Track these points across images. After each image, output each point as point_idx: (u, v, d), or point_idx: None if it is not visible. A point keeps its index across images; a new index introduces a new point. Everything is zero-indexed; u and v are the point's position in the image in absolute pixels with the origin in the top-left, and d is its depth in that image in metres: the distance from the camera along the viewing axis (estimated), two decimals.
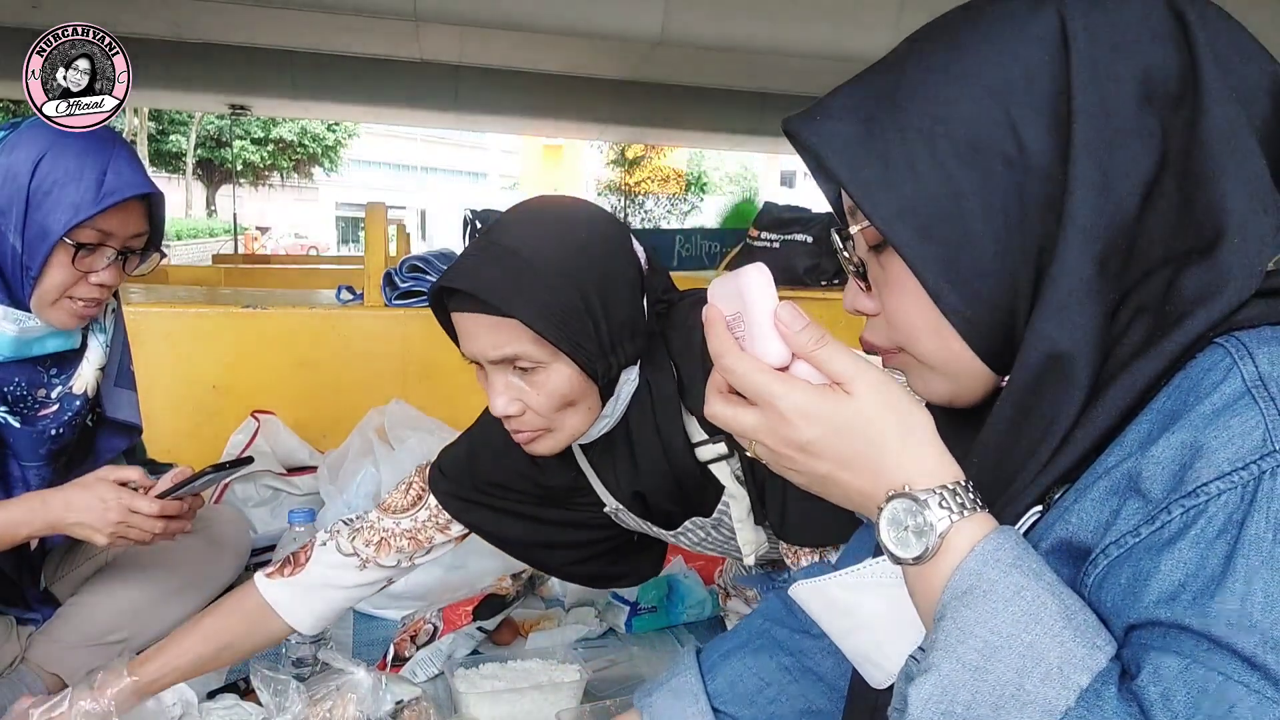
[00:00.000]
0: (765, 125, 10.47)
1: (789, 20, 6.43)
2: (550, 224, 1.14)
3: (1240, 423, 0.51)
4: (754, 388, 0.60)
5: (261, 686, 1.29)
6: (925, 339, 0.64)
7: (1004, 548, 0.55)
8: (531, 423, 1.17)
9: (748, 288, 0.62)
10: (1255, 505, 0.49)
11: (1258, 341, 0.53)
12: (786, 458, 0.61)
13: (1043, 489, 0.60)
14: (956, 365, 0.64)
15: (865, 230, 0.65)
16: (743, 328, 0.62)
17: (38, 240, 1.35)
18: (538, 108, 10.38)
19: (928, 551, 0.56)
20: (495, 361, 1.13)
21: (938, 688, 0.53)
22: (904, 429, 0.58)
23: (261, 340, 2.47)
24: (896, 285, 0.64)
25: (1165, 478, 0.52)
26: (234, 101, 11.19)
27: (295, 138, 27.67)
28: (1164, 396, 0.55)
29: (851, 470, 0.59)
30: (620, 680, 1.64)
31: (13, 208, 1.34)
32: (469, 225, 2.75)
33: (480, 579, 1.85)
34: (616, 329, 1.12)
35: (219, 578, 1.77)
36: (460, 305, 1.12)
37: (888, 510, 0.57)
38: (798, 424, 0.59)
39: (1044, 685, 0.50)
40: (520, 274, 1.08)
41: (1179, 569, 0.50)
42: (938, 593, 0.56)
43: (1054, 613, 0.52)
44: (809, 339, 0.60)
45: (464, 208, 2.84)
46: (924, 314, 0.63)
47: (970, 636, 0.53)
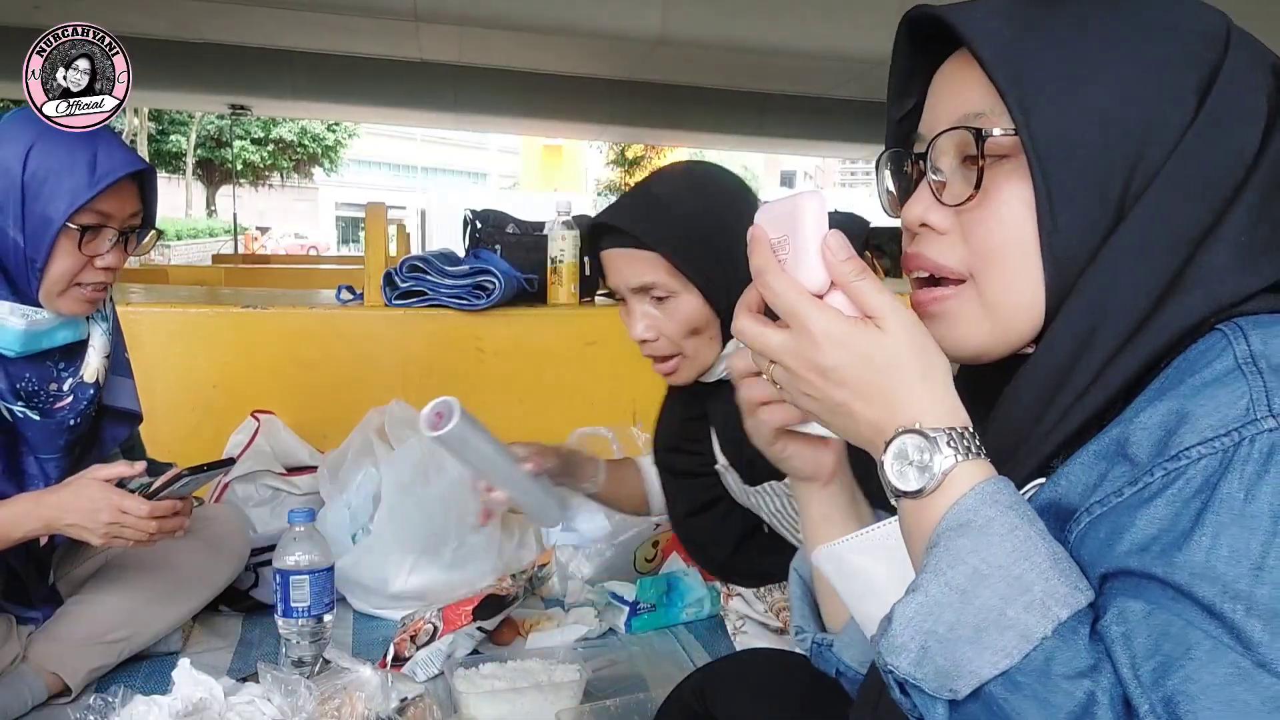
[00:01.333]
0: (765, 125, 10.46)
1: (789, 20, 6.43)
2: (688, 178, 1.41)
3: (1227, 393, 0.53)
4: (790, 306, 0.62)
5: (272, 686, 1.29)
6: (1005, 267, 0.64)
7: (1003, 491, 0.57)
8: (664, 348, 1.40)
9: (803, 210, 0.63)
10: (1231, 467, 0.51)
11: (1254, 324, 0.56)
12: (805, 381, 0.62)
13: (1042, 458, 0.62)
14: (1016, 305, 0.64)
15: (999, 133, 0.62)
16: (787, 250, 0.63)
17: (40, 230, 1.36)
18: (538, 108, 10.37)
19: (928, 487, 0.57)
20: (635, 290, 1.38)
21: (923, 608, 0.54)
22: (925, 370, 0.60)
23: (261, 340, 2.47)
24: (997, 203, 0.63)
25: (1151, 443, 0.54)
26: (234, 101, 11.18)
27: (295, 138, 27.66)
28: (1162, 378, 0.57)
29: (867, 401, 0.60)
30: (620, 680, 1.64)
31: (9, 201, 1.35)
32: (469, 225, 2.75)
33: (480, 579, 1.85)
34: (736, 268, 1.26)
35: (218, 577, 1.78)
36: (608, 242, 1.40)
37: (896, 444, 0.59)
38: (826, 348, 0.60)
39: (1025, 613, 0.52)
40: (659, 215, 1.33)
41: (1153, 524, 0.52)
42: (932, 525, 0.57)
43: (1043, 553, 0.54)
44: (851, 270, 0.61)
45: (464, 208, 2.83)
46: (1018, 240, 0.63)
47: (960, 563, 0.54)
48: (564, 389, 2.53)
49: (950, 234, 0.66)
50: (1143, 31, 0.62)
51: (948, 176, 0.67)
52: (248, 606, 1.91)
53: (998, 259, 0.64)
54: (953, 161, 0.67)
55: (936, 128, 0.67)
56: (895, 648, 0.55)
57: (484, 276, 2.40)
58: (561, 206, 2.61)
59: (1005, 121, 0.62)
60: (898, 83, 0.73)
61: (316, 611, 1.60)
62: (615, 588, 1.92)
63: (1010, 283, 0.64)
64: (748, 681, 1.09)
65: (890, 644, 0.55)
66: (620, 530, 2.02)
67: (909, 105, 0.73)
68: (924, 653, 0.54)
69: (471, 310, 2.41)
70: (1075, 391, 0.61)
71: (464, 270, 2.43)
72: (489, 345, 2.48)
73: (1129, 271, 0.60)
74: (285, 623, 1.60)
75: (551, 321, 2.55)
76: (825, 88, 8.46)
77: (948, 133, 0.65)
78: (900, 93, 0.73)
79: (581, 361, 2.55)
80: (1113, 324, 0.60)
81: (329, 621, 1.62)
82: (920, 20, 0.69)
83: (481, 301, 2.39)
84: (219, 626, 1.85)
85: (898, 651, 0.55)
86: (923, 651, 0.54)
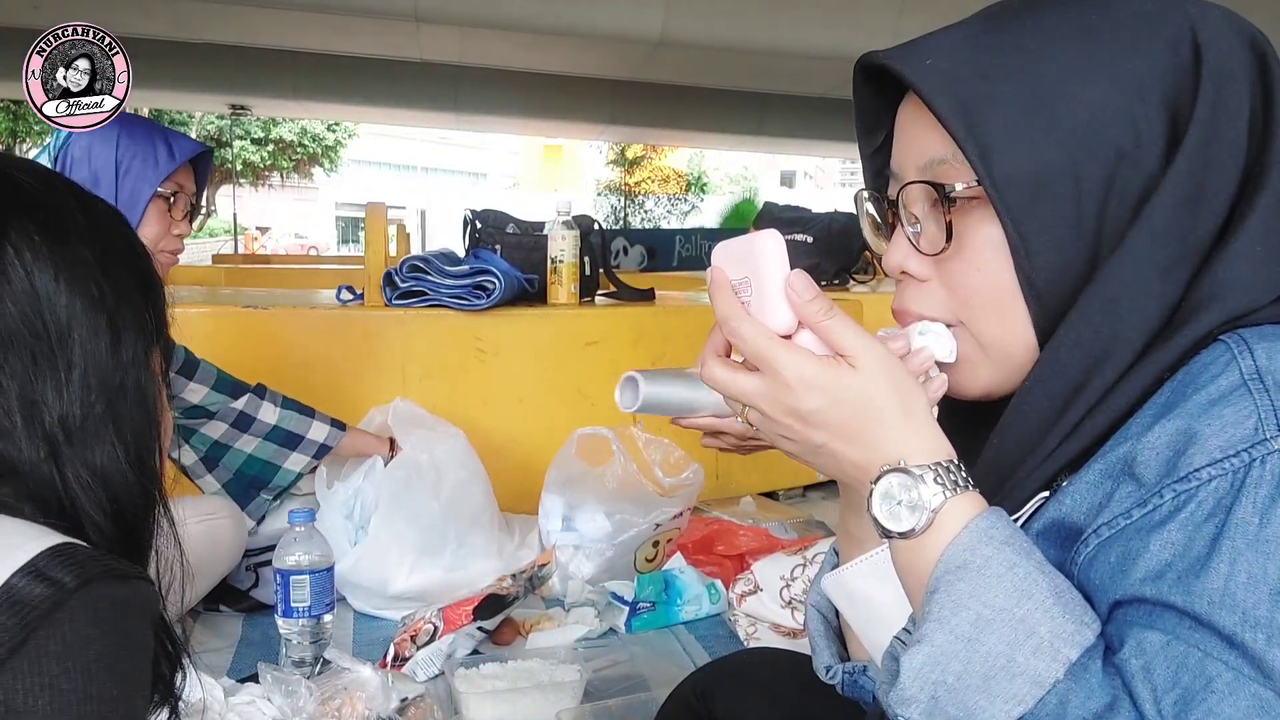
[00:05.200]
0: (765, 125, 10.47)
1: (789, 21, 6.43)
2: None
3: (1234, 412, 0.52)
4: (760, 353, 0.60)
5: (272, 686, 1.30)
6: (991, 311, 0.64)
7: (996, 526, 0.56)
8: None
9: (763, 252, 0.61)
10: (1244, 490, 0.50)
11: (1258, 337, 0.55)
12: (783, 425, 0.61)
13: (1048, 475, 0.61)
14: (1010, 342, 0.64)
15: (962, 188, 0.62)
16: (749, 292, 0.62)
17: (134, 199, 1.62)
18: (538, 108, 10.38)
19: (919, 526, 0.56)
20: None
21: (930, 658, 0.53)
22: (904, 406, 0.59)
23: (261, 340, 2.46)
24: (972, 250, 0.63)
25: (1159, 463, 0.53)
26: (234, 101, 11.19)
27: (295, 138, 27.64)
28: (1166, 390, 0.57)
29: (848, 442, 0.59)
30: (620, 680, 1.64)
31: (104, 178, 1.61)
32: (469, 225, 2.75)
33: (480, 579, 1.85)
34: None
35: (214, 572, 1.78)
36: None
37: (881, 484, 0.58)
38: (801, 392, 0.59)
39: (1034, 658, 0.51)
40: None
41: (1167, 549, 0.51)
42: (927, 567, 0.56)
43: (1045, 590, 0.53)
44: (818, 309, 0.59)
45: (464, 208, 2.83)
46: (997, 283, 0.63)
47: (963, 609, 0.53)
48: (564, 389, 2.53)
49: (931, 281, 0.66)
50: (1103, 53, 0.60)
51: (922, 222, 0.66)
52: (248, 606, 1.91)
53: (981, 303, 0.64)
54: (924, 207, 0.66)
55: (903, 170, 0.66)
56: (905, 699, 0.54)
57: (484, 276, 2.40)
58: (561, 206, 2.61)
59: (967, 170, 0.61)
60: (863, 121, 0.73)
61: (317, 612, 1.60)
62: (615, 587, 1.92)
63: (999, 324, 0.64)
64: (749, 681, 1.09)
65: (900, 696, 0.54)
66: (620, 530, 2.01)
67: (879, 140, 0.72)
68: (934, 703, 0.53)
69: (471, 310, 2.41)
70: (1084, 409, 0.60)
71: (464, 270, 2.43)
72: (489, 345, 2.48)
73: (1137, 291, 0.59)
74: (285, 623, 1.60)
75: (551, 321, 2.55)
76: (825, 88, 8.46)
77: (913, 184, 0.65)
78: (868, 129, 0.73)
79: (581, 361, 2.54)
80: (1124, 342, 0.59)
81: (329, 622, 1.62)
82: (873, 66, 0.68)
83: (481, 301, 2.39)
84: (219, 626, 1.85)
85: (908, 703, 0.54)
86: (933, 702, 0.53)
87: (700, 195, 27.52)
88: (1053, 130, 0.60)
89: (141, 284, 0.71)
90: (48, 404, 0.63)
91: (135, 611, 0.59)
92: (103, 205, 0.72)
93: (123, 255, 0.70)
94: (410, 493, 1.92)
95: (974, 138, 0.60)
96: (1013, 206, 0.60)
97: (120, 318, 0.67)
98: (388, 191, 26.87)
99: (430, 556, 1.90)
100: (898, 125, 0.68)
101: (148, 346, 0.70)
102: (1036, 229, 0.60)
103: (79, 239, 0.66)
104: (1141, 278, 0.59)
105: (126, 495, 0.66)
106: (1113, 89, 0.60)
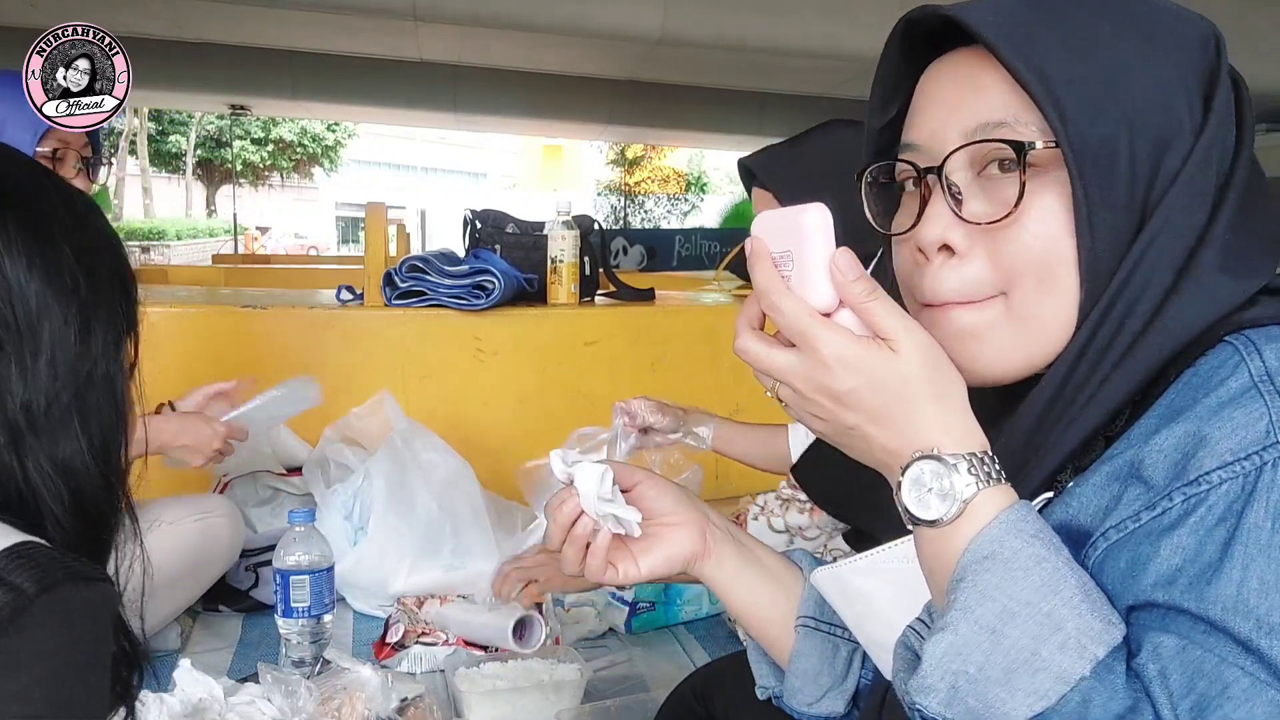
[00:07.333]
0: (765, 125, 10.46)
1: (788, 20, 6.43)
2: None
3: (1244, 415, 0.52)
4: (800, 329, 0.59)
5: (272, 686, 1.30)
6: (1042, 281, 0.60)
7: (1026, 519, 0.55)
8: None
9: (809, 226, 0.59)
10: (1255, 495, 0.50)
11: (1266, 339, 0.54)
12: (815, 404, 0.60)
13: (1049, 471, 0.61)
14: (1050, 322, 0.61)
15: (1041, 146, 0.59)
16: (790, 266, 0.60)
17: None
18: (538, 108, 10.38)
19: (948, 515, 0.56)
20: None
21: (953, 647, 0.53)
22: (941, 393, 0.58)
23: (261, 340, 2.47)
24: (1030, 219, 0.60)
25: (1168, 466, 0.53)
26: (234, 101, 11.19)
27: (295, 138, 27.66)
28: (1173, 392, 0.56)
29: (881, 426, 0.58)
30: (620, 680, 1.64)
31: None
32: (469, 225, 2.75)
33: (480, 578, 1.85)
34: None
35: (212, 569, 1.78)
36: None
37: (913, 470, 0.57)
38: (838, 372, 0.58)
39: (1060, 653, 0.51)
40: None
41: (1178, 554, 0.51)
42: (953, 556, 0.55)
43: (1073, 586, 0.53)
44: (862, 290, 0.58)
45: (464, 208, 2.83)
46: (1055, 255, 0.60)
47: (989, 600, 0.53)
48: (564, 389, 2.53)
49: (968, 256, 0.62)
50: (1158, 38, 0.60)
51: (964, 190, 0.62)
52: (248, 606, 1.91)
53: (1032, 276, 0.60)
54: (968, 175, 0.62)
55: (940, 139, 0.63)
56: (925, 688, 0.54)
57: (484, 276, 2.40)
58: (561, 206, 2.61)
59: (1036, 131, 0.59)
60: (883, 90, 0.70)
61: (316, 612, 1.60)
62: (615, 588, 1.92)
63: (1044, 300, 0.61)
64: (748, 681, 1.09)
65: (920, 684, 0.54)
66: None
67: (893, 112, 0.70)
68: (954, 693, 0.53)
69: (471, 310, 2.41)
70: (1079, 403, 0.59)
71: (464, 270, 2.43)
72: (489, 345, 2.48)
73: (1147, 282, 0.59)
74: (285, 623, 1.60)
75: (551, 321, 2.55)
76: (825, 88, 8.46)
77: (970, 145, 0.61)
78: (886, 100, 0.70)
79: (581, 361, 2.55)
80: (1129, 335, 0.59)
81: (329, 622, 1.62)
82: (917, 22, 0.66)
83: (481, 301, 2.39)
84: (219, 626, 1.85)
85: (927, 691, 0.53)
86: (952, 692, 0.53)
87: (700, 195, 27.53)
88: (1116, 102, 0.58)
89: (115, 275, 0.70)
90: (11, 390, 0.62)
91: (101, 615, 0.58)
92: (80, 195, 0.71)
93: (97, 246, 0.69)
94: (404, 491, 1.92)
95: (1051, 95, 0.58)
96: (1086, 172, 0.58)
97: (92, 309, 0.66)
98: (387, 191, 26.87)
99: (429, 556, 1.89)
100: (928, 92, 0.65)
101: (119, 339, 0.69)
102: (1102, 200, 0.59)
103: (56, 229, 0.65)
104: (1150, 268, 0.59)
105: (89, 489, 0.65)
106: (1170, 73, 0.60)
